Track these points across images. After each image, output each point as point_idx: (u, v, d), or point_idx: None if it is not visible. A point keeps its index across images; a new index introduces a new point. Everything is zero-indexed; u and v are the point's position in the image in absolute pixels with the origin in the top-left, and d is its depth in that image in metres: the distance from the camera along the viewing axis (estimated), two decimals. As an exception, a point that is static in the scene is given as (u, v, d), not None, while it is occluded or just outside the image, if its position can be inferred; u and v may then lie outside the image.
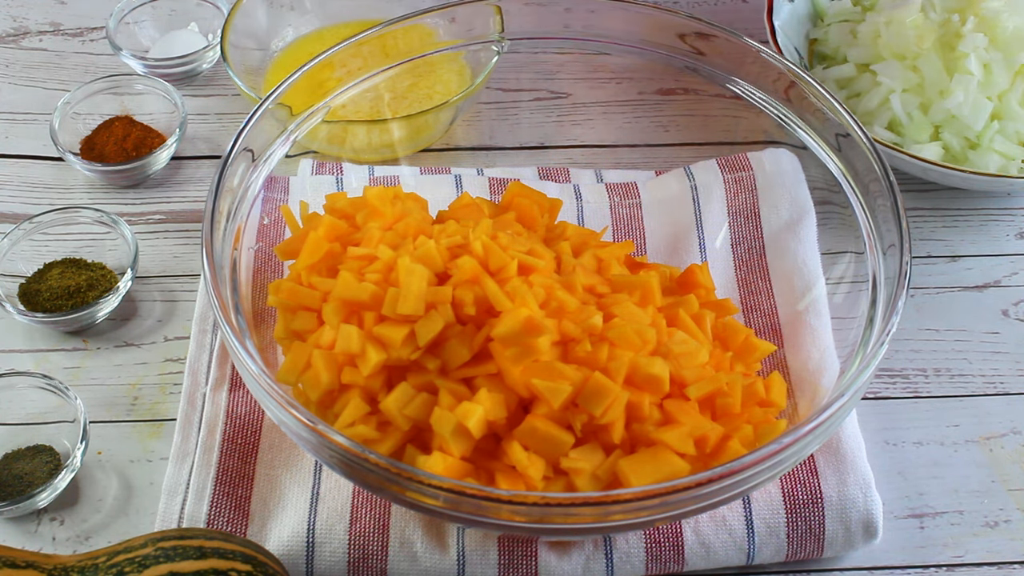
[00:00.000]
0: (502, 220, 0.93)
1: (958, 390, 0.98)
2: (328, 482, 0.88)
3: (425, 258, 0.83)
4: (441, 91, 1.11)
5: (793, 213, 1.01)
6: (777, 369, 0.93)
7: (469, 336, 0.81)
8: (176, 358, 0.99)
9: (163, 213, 1.09)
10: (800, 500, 0.87)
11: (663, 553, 0.85)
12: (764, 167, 1.04)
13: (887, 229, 0.86)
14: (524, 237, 0.91)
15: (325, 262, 0.87)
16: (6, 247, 1.01)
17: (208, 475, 0.88)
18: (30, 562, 0.78)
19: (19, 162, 1.13)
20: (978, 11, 1.07)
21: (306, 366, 0.83)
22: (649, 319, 0.85)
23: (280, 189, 1.01)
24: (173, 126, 1.11)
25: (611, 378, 0.79)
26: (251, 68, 1.15)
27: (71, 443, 0.91)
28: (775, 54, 0.97)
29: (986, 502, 0.92)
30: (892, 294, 0.82)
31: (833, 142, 0.93)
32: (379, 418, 0.81)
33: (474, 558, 0.85)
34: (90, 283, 0.99)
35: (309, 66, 0.95)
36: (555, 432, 0.79)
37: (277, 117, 0.94)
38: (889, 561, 0.88)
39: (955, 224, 1.09)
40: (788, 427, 0.84)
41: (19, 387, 0.93)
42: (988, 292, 1.04)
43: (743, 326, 0.91)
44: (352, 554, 0.85)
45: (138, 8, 1.21)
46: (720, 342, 0.90)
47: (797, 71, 0.95)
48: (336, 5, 1.20)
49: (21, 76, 1.20)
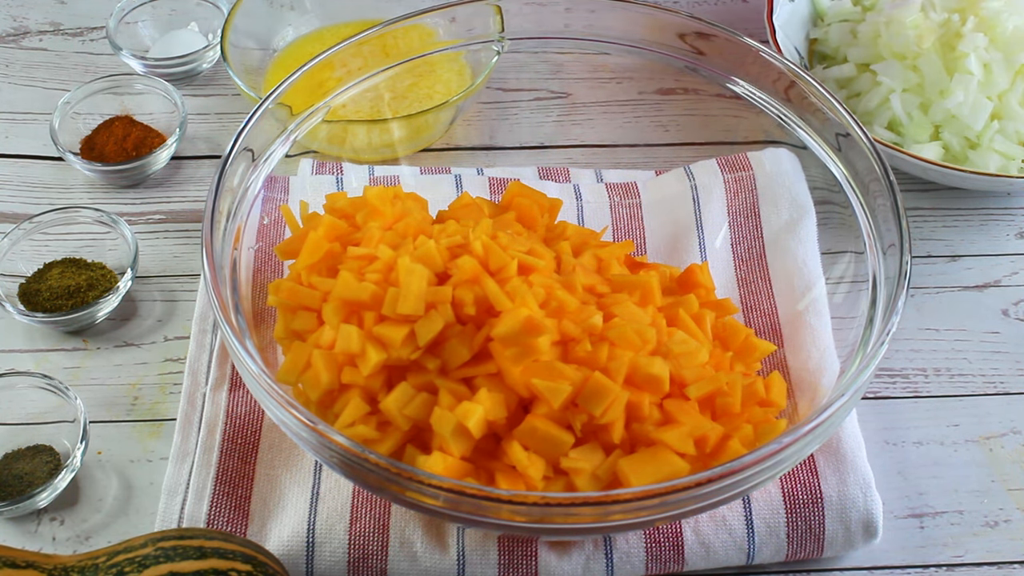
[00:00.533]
0: (502, 220, 0.93)
1: (958, 390, 0.98)
2: (328, 482, 0.88)
3: (425, 258, 0.83)
4: (441, 91, 1.11)
5: (793, 213, 1.01)
6: (777, 369, 0.93)
7: (469, 336, 0.81)
8: (176, 358, 0.99)
9: (163, 213, 1.09)
10: (800, 500, 0.87)
11: (663, 553, 0.85)
12: (764, 167, 1.04)
13: (887, 229, 0.86)
14: (524, 237, 0.91)
15: (325, 262, 0.87)
16: (6, 247, 1.01)
17: (208, 475, 0.88)
18: (30, 562, 0.78)
19: (19, 162, 1.13)
20: (978, 11, 1.07)
21: (306, 366, 0.83)
22: (649, 319, 0.85)
23: (280, 189, 1.01)
24: (173, 126, 1.11)
25: (611, 378, 0.79)
26: (251, 68, 1.15)
27: (71, 443, 0.91)
28: (775, 54, 0.97)
29: (986, 502, 0.92)
30: (892, 294, 0.82)
31: (833, 142, 0.93)
32: (379, 418, 0.81)
33: (474, 558, 0.85)
34: (90, 283, 0.99)
35: (309, 66, 0.95)
36: (555, 432, 0.79)
37: (277, 117, 0.94)
38: (889, 561, 0.88)
39: (955, 224, 1.09)
40: (788, 427, 0.84)
41: (19, 387, 0.93)
42: (988, 292, 1.04)
43: (743, 326, 0.91)
44: (352, 554, 0.85)
45: (138, 8, 1.21)
46: (720, 342, 0.90)
47: (797, 71, 0.95)
48: (336, 5, 1.20)
49: (21, 76, 1.20)
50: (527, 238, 0.91)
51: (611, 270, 0.90)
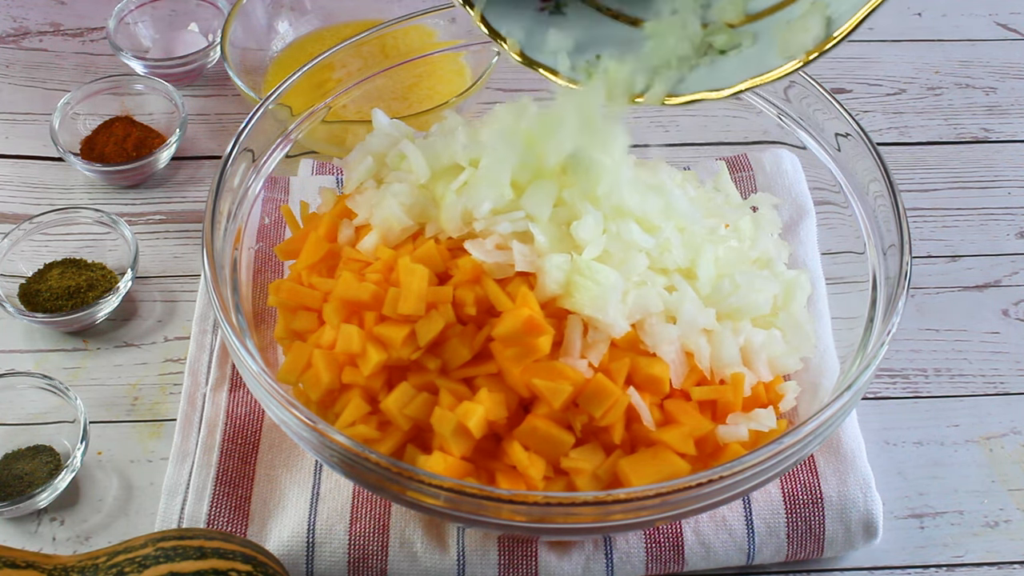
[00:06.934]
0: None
1: (958, 390, 0.98)
2: (328, 482, 0.88)
3: (425, 258, 0.83)
4: (441, 91, 1.11)
5: (793, 213, 1.01)
6: (777, 369, 0.93)
7: (469, 336, 0.81)
8: (176, 358, 0.99)
9: (163, 213, 1.09)
10: (800, 500, 0.87)
11: (663, 553, 0.85)
12: (764, 167, 1.04)
13: (887, 229, 0.86)
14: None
15: (325, 262, 0.87)
16: (6, 247, 1.01)
17: (208, 475, 0.88)
18: (30, 562, 0.78)
19: (19, 162, 1.13)
20: None
21: (306, 366, 0.83)
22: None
23: (280, 189, 1.01)
24: (173, 126, 1.11)
25: (612, 379, 0.79)
26: (251, 68, 1.15)
27: (71, 443, 0.91)
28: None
29: (986, 502, 0.92)
30: (892, 294, 0.82)
31: (833, 142, 0.93)
32: (379, 418, 0.81)
33: (474, 558, 0.85)
34: (90, 283, 0.99)
35: (309, 66, 0.95)
36: (555, 432, 0.79)
37: (277, 117, 0.94)
38: (889, 561, 0.88)
39: (955, 224, 1.09)
40: (788, 427, 0.84)
41: (19, 387, 0.93)
42: (988, 292, 1.04)
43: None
44: (352, 554, 0.85)
45: (138, 8, 1.21)
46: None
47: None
48: (336, 5, 1.20)
49: (21, 76, 1.20)
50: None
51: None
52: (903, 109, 1.19)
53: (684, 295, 0.82)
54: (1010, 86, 1.21)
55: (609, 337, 0.80)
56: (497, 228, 0.83)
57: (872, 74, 1.22)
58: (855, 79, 1.22)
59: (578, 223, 0.82)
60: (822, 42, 0.74)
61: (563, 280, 0.81)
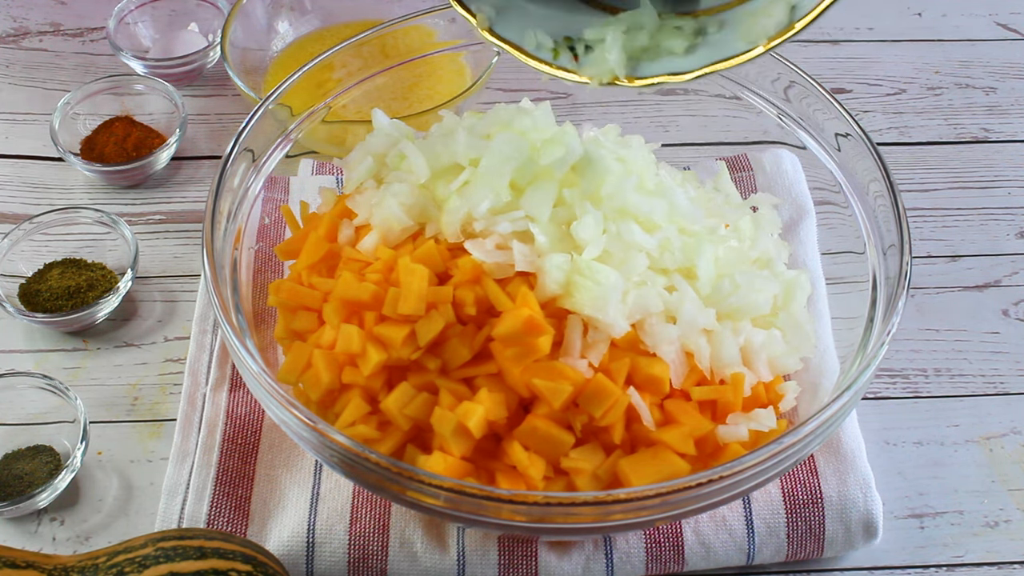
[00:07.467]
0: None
1: (958, 390, 0.98)
2: (328, 482, 0.88)
3: (425, 258, 0.83)
4: (441, 91, 1.11)
5: (793, 213, 1.01)
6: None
7: (469, 336, 0.81)
8: (176, 358, 0.99)
9: (163, 213, 1.09)
10: (800, 500, 0.87)
11: (663, 553, 0.85)
12: (764, 167, 1.04)
13: (887, 229, 0.86)
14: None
15: (325, 262, 0.87)
16: (6, 247, 1.01)
17: (208, 475, 0.88)
18: (30, 562, 0.78)
19: (19, 162, 1.13)
20: None
21: (306, 366, 0.83)
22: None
23: (280, 189, 1.01)
24: (173, 126, 1.11)
25: (612, 379, 0.79)
26: (251, 68, 1.15)
27: (71, 443, 0.91)
28: (775, 54, 0.97)
29: (986, 502, 0.92)
30: (892, 294, 0.82)
31: (833, 142, 0.93)
32: (379, 418, 0.81)
33: (474, 558, 0.85)
34: (90, 283, 0.99)
35: (309, 66, 0.95)
36: (555, 432, 0.79)
37: (277, 117, 0.94)
38: (889, 561, 0.88)
39: (955, 224, 1.09)
40: (788, 427, 0.84)
41: (19, 387, 0.93)
42: (988, 292, 1.04)
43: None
44: (352, 554, 0.85)
45: (138, 8, 1.21)
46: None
47: (797, 71, 0.95)
48: (336, 5, 1.20)
49: (21, 76, 1.20)
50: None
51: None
52: (903, 109, 1.19)
53: (684, 295, 0.82)
54: (1010, 86, 1.21)
55: (609, 337, 0.80)
56: (497, 228, 0.83)
57: (872, 74, 1.22)
58: (855, 79, 1.22)
59: (578, 223, 0.82)
60: (784, 28, 0.74)
61: (563, 280, 0.81)
